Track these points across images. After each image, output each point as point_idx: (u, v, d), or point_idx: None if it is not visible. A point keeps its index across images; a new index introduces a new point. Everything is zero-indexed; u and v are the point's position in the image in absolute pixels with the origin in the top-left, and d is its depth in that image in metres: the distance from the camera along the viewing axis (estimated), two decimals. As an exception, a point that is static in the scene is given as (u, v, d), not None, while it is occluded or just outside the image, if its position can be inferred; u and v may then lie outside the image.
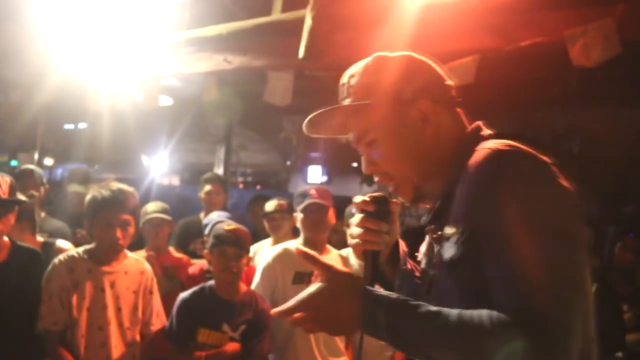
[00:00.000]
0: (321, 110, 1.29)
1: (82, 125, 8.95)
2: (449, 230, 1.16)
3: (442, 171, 1.25)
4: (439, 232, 1.23)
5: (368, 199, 1.36)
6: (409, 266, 1.47)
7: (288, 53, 3.63)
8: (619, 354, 3.34)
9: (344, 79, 1.33)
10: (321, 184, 11.72)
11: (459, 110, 1.32)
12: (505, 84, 4.23)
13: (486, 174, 1.09)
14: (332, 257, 3.16)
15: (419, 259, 1.43)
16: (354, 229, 1.37)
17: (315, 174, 12.47)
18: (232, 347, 2.70)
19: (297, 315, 1.13)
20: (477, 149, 1.17)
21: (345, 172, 12.21)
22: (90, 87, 4.82)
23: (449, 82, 1.31)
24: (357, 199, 1.37)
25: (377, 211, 1.35)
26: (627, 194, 7.96)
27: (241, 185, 13.12)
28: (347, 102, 1.30)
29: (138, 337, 2.78)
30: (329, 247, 3.21)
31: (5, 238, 2.61)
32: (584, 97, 4.92)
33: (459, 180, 1.17)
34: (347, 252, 3.35)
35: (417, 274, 1.47)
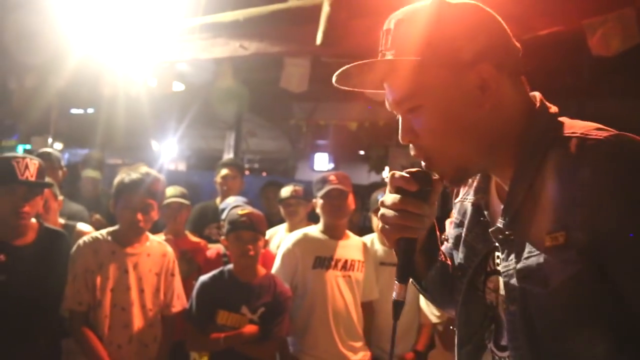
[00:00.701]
0: (359, 62, 1.04)
1: (90, 110, 8.98)
2: (549, 240, 0.94)
3: (503, 153, 1.05)
4: (508, 233, 1.03)
5: (408, 175, 1.09)
6: (442, 257, 1.27)
7: (305, 40, 3.65)
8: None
9: (390, 24, 1.06)
10: (327, 171, 11.75)
11: (523, 79, 1.09)
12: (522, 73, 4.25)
13: (603, 173, 0.90)
14: (352, 242, 3.20)
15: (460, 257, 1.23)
16: (388, 212, 1.10)
17: (322, 162, 12.50)
18: (250, 329, 2.74)
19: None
20: (565, 134, 0.98)
21: (352, 160, 12.25)
22: (104, 73, 4.85)
23: (517, 44, 1.08)
24: (395, 174, 1.10)
25: (420, 191, 1.09)
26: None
27: (247, 172, 13.17)
28: (389, 55, 1.04)
29: (160, 319, 2.83)
30: (348, 232, 3.25)
31: (33, 220, 2.65)
32: (596, 87, 4.93)
33: (543, 174, 0.98)
34: (371, 237, 3.39)
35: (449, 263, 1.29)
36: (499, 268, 1.07)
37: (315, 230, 3.18)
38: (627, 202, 0.87)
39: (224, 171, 4.33)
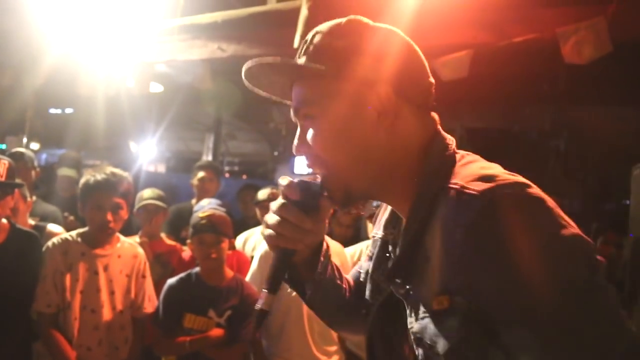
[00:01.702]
0: (261, 60, 1.01)
1: (69, 110, 8.89)
2: (436, 304, 0.89)
3: (397, 186, 1.02)
4: (408, 288, 0.97)
5: (295, 182, 1.05)
6: (333, 273, 1.24)
7: (283, 43, 3.65)
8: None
9: (309, 35, 1.06)
10: (307, 175, 11.73)
11: (432, 116, 1.06)
12: (497, 79, 4.30)
13: (474, 234, 0.83)
14: (332, 247, 3.18)
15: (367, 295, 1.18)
16: (270, 217, 1.06)
17: (302, 165, 12.48)
18: (216, 332, 2.73)
19: None
20: (449, 185, 0.91)
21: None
22: (82, 72, 4.80)
23: (431, 79, 1.05)
24: (282, 180, 1.07)
25: (303, 202, 1.05)
26: (609, 192, 8.10)
27: (227, 175, 13.11)
28: (300, 61, 1.03)
29: (130, 321, 2.80)
30: (326, 237, 3.23)
31: (4, 220, 2.61)
32: (571, 95, 5.01)
33: (433, 225, 0.92)
34: (355, 249, 3.36)
35: (346, 285, 1.27)
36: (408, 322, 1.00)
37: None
38: (499, 265, 0.81)
39: (201, 174, 4.32)
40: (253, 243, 3.77)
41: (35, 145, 8.71)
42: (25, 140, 5.89)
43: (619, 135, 5.90)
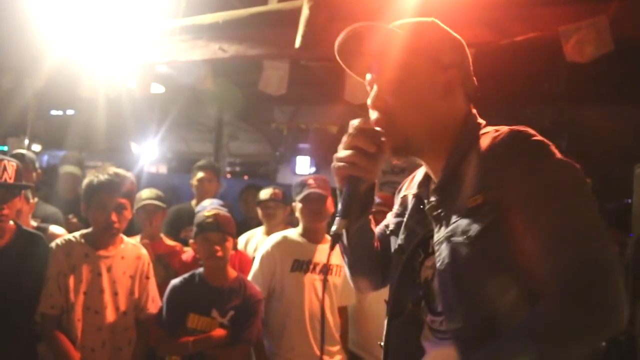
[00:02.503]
0: (370, 24, 1.31)
1: (70, 112, 8.89)
2: (471, 202, 1.19)
3: (440, 143, 1.31)
4: (440, 211, 1.27)
5: (368, 120, 1.34)
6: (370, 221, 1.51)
7: (284, 43, 3.65)
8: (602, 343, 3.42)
9: (394, 24, 1.35)
10: (309, 175, 11.71)
11: (472, 106, 1.38)
12: (499, 78, 4.29)
13: (507, 147, 1.17)
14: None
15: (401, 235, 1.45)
16: (342, 152, 1.30)
17: (304, 165, 12.48)
18: (219, 332, 2.72)
19: None
20: (486, 132, 1.26)
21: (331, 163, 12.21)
22: (83, 74, 4.80)
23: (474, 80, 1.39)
24: (356, 121, 1.32)
25: (372, 135, 1.30)
26: (611, 191, 8.08)
27: (229, 175, 13.10)
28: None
29: (134, 322, 2.80)
30: (327, 236, 3.25)
31: (11, 222, 2.61)
32: (572, 93, 5.00)
33: (468, 159, 1.24)
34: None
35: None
36: (433, 242, 1.28)
37: (294, 234, 3.18)
38: (522, 169, 1.13)
39: (200, 174, 4.30)
40: (255, 243, 3.77)
41: (36, 147, 8.73)
42: (26, 141, 5.89)
43: (620, 134, 5.90)
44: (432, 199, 1.31)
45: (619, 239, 4.51)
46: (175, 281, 2.88)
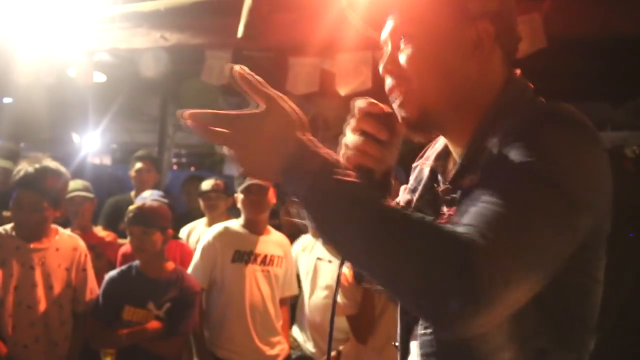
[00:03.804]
0: None
1: (7, 100, 8.54)
2: (467, 182, 1.00)
3: (467, 115, 1.06)
4: (454, 195, 1.04)
5: (377, 102, 1.08)
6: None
7: (227, 32, 3.60)
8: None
9: None
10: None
11: (514, 69, 1.10)
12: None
13: (527, 130, 0.92)
14: (273, 237, 3.20)
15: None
16: (350, 137, 1.08)
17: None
18: (153, 324, 2.71)
19: (215, 128, 0.92)
20: (534, 105, 1.02)
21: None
22: (18, 60, 4.62)
23: (519, 33, 1.10)
24: (361, 102, 1.08)
25: (383, 118, 1.08)
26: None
27: (175, 167, 12.92)
28: None
29: (71, 316, 2.74)
30: (269, 228, 3.25)
31: None
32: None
33: (495, 136, 0.97)
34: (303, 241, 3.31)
35: None
36: None
37: (236, 225, 3.18)
38: (516, 150, 0.89)
39: (138, 164, 4.22)
40: (197, 235, 3.75)
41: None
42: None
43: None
44: (448, 180, 1.08)
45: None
46: (112, 273, 2.86)
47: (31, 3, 4.25)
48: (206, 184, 3.88)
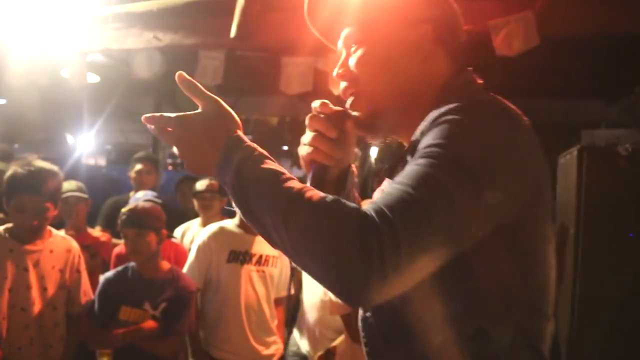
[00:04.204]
0: None
1: (1, 101, 8.51)
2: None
3: (413, 114, 1.10)
4: None
5: (325, 102, 1.16)
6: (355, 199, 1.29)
7: (220, 32, 3.60)
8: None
9: None
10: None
11: (469, 70, 1.16)
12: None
13: (445, 117, 0.97)
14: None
15: None
16: (305, 135, 1.17)
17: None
18: (149, 324, 2.72)
19: (167, 128, 1.03)
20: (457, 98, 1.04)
21: (276, 155, 12.17)
22: (11, 62, 4.60)
23: (464, 34, 1.19)
24: (316, 103, 1.16)
25: (333, 117, 1.15)
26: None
27: (170, 167, 12.88)
28: None
29: (65, 317, 2.73)
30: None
31: None
32: (505, 87, 5.14)
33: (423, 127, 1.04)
34: None
35: None
36: None
37: (231, 224, 3.17)
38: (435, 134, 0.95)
39: (138, 166, 4.25)
40: (192, 235, 3.75)
41: (-36, 138, 8.32)
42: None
43: (547, 127, 6.11)
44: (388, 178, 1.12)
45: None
46: (108, 274, 2.87)
47: (24, 4, 4.23)
48: (200, 184, 3.89)
